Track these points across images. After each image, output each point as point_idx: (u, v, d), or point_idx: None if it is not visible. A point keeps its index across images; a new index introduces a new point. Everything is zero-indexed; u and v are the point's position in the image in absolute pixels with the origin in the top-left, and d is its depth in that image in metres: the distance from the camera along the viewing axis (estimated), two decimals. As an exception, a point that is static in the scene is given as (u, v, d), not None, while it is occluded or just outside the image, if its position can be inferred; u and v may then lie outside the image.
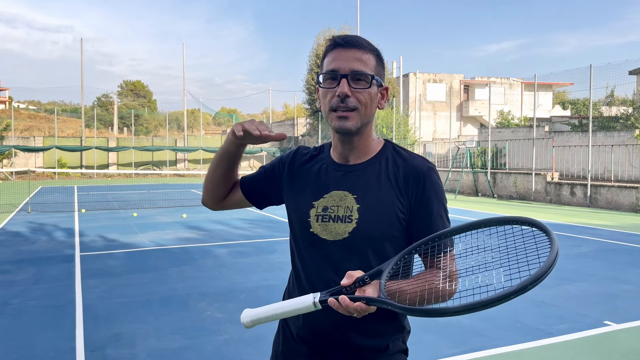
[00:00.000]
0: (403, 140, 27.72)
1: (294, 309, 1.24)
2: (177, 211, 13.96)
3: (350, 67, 1.34)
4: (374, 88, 1.39)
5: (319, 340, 1.43)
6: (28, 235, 9.83)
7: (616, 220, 12.63)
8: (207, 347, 4.13)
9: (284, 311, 1.26)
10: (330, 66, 1.37)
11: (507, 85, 37.60)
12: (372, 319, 1.35)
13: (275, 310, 1.27)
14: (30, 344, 4.20)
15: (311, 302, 1.21)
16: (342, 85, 1.33)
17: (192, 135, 39.27)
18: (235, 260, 7.38)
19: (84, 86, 34.64)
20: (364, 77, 1.36)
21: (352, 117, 1.35)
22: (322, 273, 1.40)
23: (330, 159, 1.48)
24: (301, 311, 1.24)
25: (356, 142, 1.42)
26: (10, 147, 28.54)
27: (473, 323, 4.70)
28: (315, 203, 1.43)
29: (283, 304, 1.27)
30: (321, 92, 1.40)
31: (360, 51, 1.36)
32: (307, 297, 1.23)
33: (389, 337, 1.45)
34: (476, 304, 1.04)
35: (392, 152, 1.46)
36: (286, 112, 64.16)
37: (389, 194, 1.39)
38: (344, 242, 1.38)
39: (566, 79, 21.21)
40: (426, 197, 1.39)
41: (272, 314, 1.27)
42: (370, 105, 1.38)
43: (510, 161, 22.09)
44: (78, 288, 5.92)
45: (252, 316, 1.28)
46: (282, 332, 1.55)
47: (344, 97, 1.34)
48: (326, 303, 1.20)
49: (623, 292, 5.80)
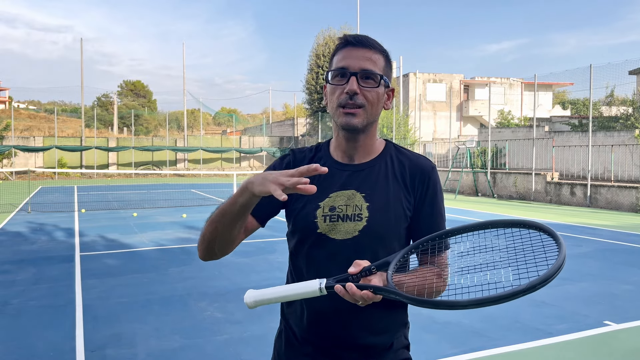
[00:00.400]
0: (403, 140, 27.72)
1: (298, 293, 1.23)
2: (177, 211, 13.96)
3: (360, 66, 1.36)
4: (382, 88, 1.40)
5: (324, 340, 1.43)
6: (28, 235, 9.83)
7: (616, 220, 12.63)
8: (207, 347, 4.13)
9: (288, 294, 1.24)
10: (340, 64, 1.38)
11: (507, 85, 37.60)
12: (377, 315, 1.40)
13: (280, 292, 1.25)
14: (30, 344, 4.20)
15: (317, 287, 1.20)
16: (352, 83, 1.35)
17: (192, 135, 39.26)
18: (235, 260, 7.38)
19: (84, 86, 34.66)
20: (373, 76, 1.37)
21: (359, 114, 1.37)
22: (330, 272, 1.40)
23: (332, 158, 1.48)
24: (306, 295, 1.23)
25: (361, 141, 1.44)
26: (10, 147, 28.54)
27: (473, 323, 4.70)
28: (321, 204, 1.42)
29: (288, 287, 1.25)
30: (329, 88, 1.41)
31: (371, 51, 1.39)
32: (313, 282, 1.22)
33: (393, 335, 1.48)
34: (485, 299, 1.05)
35: (394, 151, 1.49)
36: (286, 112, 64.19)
37: (396, 192, 1.42)
38: (353, 241, 1.39)
39: (566, 79, 21.20)
40: (430, 194, 1.44)
41: (276, 296, 1.25)
42: (377, 104, 1.40)
43: (510, 161, 22.10)
44: (78, 288, 5.92)
45: (256, 297, 1.26)
46: (284, 333, 1.54)
47: (352, 94, 1.35)
48: (332, 289, 1.19)
49: (623, 292, 5.80)
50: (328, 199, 1.42)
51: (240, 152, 36.04)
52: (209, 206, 15.34)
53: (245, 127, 59.23)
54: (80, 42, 34.18)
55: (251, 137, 39.24)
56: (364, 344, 1.42)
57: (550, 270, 1.04)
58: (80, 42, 34.22)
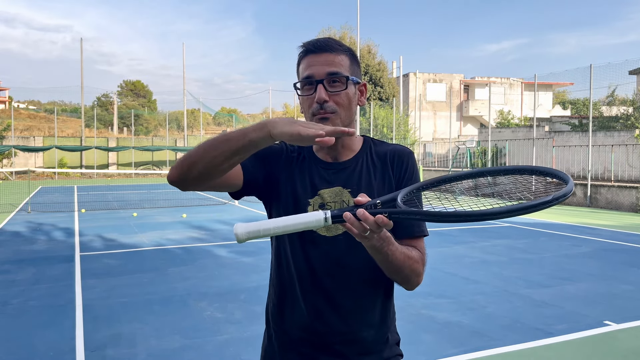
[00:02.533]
0: (403, 141, 27.71)
1: (299, 222, 1.12)
2: (177, 211, 13.96)
3: (325, 71, 1.37)
4: (351, 88, 1.42)
5: (324, 337, 1.43)
6: (28, 235, 9.83)
7: (616, 220, 12.63)
8: (207, 347, 4.13)
9: (287, 224, 1.13)
10: (305, 73, 1.39)
11: (507, 85, 37.61)
12: (375, 308, 1.43)
13: (277, 223, 1.13)
14: (30, 344, 4.20)
15: (322, 217, 1.12)
16: (320, 92, 1.36)
17: (192, 135, 39.27)
18: (235, 260, 7.38)
19: (83, 86, 34.65)
20: (340, 78, 1.38)
21: (333, 119, 1.38)
22: (324, 268, 1.42)
23: (317, 158, 1.49)
24: (308, 226, 1.13)
25: (341, 142, 1.46)
26: (10, 147, 28.53)
27: (473, 323, 4.70)
28: (310, 201, 1.44)
29: (287, 218, 1.14)
30: (301, 100, 1.43)
31: (332, 54, 1.39)
32: (317, 213, 1.13)
33: (389, 327, 1.50)
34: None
35: (373, 145, 1.53)
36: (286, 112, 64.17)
37: (379, 180, 1.46)
38: (344, 236, 1.40)
39: (566, 79, 21.22)
40: (409, 173, 1.47)
41: (273, 226, 1.13)
42: (349, 106, 1.41)
43: (510, 161, 22.09)
44: (78, 288, 5.92)
45: (249, 228, 1.12)
46: (275, 337, 1.52)
47: (322, 103, 1.36)
48: (340, 218, 1.12)
49: (623, 292, 5.80)
50: (317, 196, 1.44)
51: (240, 152, 35.98)
52: (209, 206, 15.34)
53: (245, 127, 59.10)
54: (80, 42, 34.19)
55: (251, 137, 39.15)
56: (363, 338, 1.43)
57: (559, 193, 1.07)
58: (80, 42, 34.23)
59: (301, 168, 1.48)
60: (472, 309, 5.12)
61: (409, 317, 4.77)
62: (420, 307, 5.09)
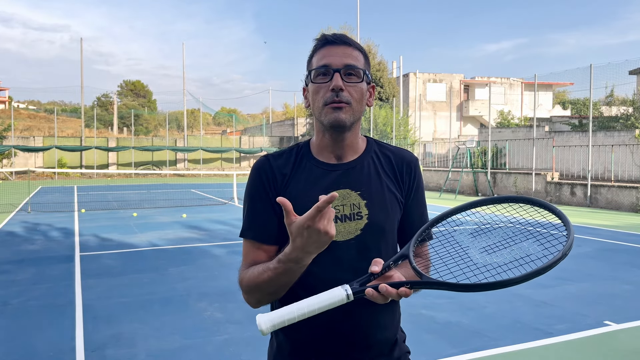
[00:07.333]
0: (403, 141, 27.71)
1: (322, 305, 1.12)
2: (177, 211, 13.96)
3: (343, 62, 1.36)
4: (364, 84, 1.41)
5: (337, 345, 1.40)
6: (28, 235, 9.83)
7: (616, 220, 12.63)
8: (207, 347, 4.13)
9: (310, 309, 1.12)
10: (322, 62, 1.38)
11: (507, 85, 37.60)
12: (383, 310, 1.40)
13: (300, 309, 1.12)
14: (30, 344, 4.20)
15: (344, 295, 1.12)
16: (336, 79, 1.34)
17: (192, 135, 39.25)
18: (235, 260, 7.37)
19: (83, 86, 34.65)
20: (356, 71, 1.38)
21: (346, 110, 1.36)
22: (335, 274, 1.35)
23: (318, 160, 1.45)
24: (332, 306, 1.14)
25: (348, 139, 1.43)
26: (10, 147, 28.54)
27: (473, 323, 4.70)
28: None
29: (307, 302, 1.13)
30: (312, 88, 1.39)
31: (350, 48, 1.39)
32: (337, 291, 1.13)
33: (396, 328, 1.50)
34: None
35: (377, 147, 1.51)
36: (286, 112, 64.13)
37: (388, 185, 1.44)
38: (356, 240, 1.38)
39: (566, 79, 21.18)
40: (416, 184, 1.49)
41: (297, 315, 1.12)
42: (361, 101, 1.40)
43: (511, 161, 22.10)
44: (78, 288, 5.92)
45: (273, 320, 1.12)
46: (286, 345, 1.46)
47: (338, 91, 1.34)
48: (362, 293, 1.13)
49: (623, 292, 5.80)
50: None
51: (240, 152, 36.04)
52: (209, 206, 15.34)
53: (245, 127, 59.24)
54: (80, 42, 34.18)
55: (251, 137, 39.25)
56: (374, 342, 1.42)
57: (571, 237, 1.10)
58: (80, 42, 34.23)
59: (299, 172, 1.43)
60: (471, 309, 5.12)
61: (409, 317, 4.76)
62: (421, 307, 5.09)
